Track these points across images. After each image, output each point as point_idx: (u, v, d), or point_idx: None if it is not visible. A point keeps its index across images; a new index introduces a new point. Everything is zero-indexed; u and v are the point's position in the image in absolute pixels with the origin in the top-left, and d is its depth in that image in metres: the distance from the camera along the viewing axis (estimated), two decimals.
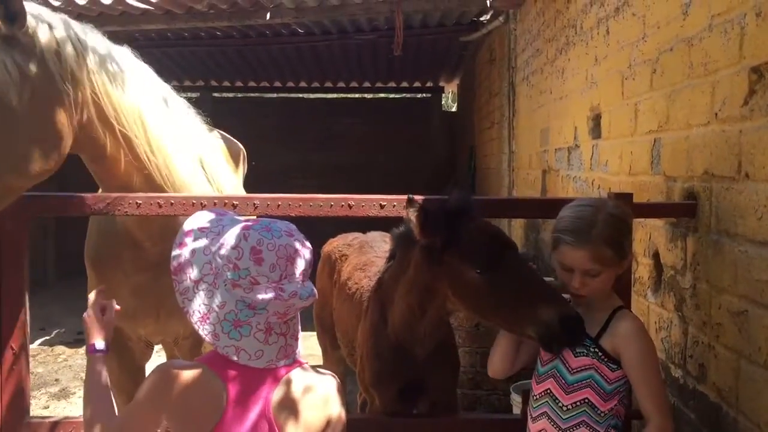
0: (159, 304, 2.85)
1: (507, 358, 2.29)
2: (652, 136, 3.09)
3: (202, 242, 1.71)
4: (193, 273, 1.68)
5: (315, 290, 1.72)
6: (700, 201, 2.57)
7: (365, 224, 3.35)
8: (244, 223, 1.72)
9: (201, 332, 1.66)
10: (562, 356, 2.11)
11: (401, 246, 2.49)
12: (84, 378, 1.91)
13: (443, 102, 15.30)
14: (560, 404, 2.10)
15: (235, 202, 2.53)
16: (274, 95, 13.98)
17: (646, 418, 2.05)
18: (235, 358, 1.64)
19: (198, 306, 1.66)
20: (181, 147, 2.77)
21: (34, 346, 6.99)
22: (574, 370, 2.08)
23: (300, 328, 1.77)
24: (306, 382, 1.71)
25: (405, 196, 2.59)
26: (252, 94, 13.93)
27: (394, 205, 2.57)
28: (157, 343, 3.29)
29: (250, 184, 4.40)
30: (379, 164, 12.54)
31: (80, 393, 5.78)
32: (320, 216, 2.57)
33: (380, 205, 2.57)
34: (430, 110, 13.58)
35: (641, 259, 3.18)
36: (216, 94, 13.56)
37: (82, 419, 2.66)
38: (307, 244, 1.74)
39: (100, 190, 2.76)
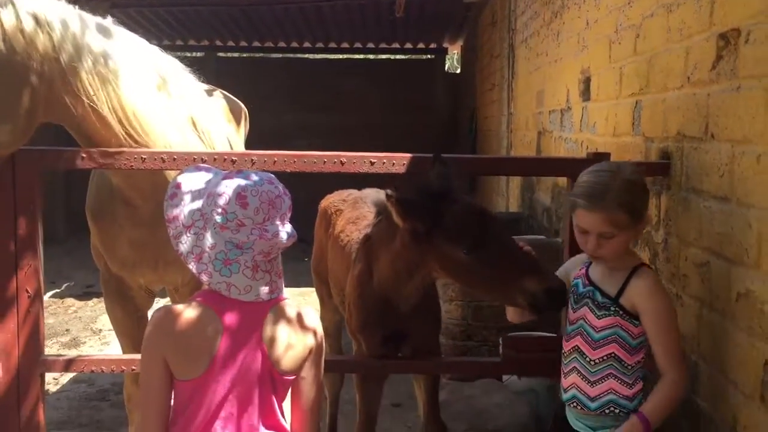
0: (157, 256, 3.03)
1: (518, 308, 2.44)
2: (634, 98, 3.23)
3: (193, 193, 1.90)
4: (185, 220, 1.87)
5: (295, 232, 1.91)
6: (673, 160, 2.72)
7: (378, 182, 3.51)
8: (229, 174, 1.91)
9: (195, 270, 1.86)
10: (586, 318, 2.21)
11: (388, 214, 2.62)
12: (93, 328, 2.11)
13: (448, 63, 15.32)
14: (588, 359, 2.17)
15: (234, 158, 2.69)
16: (279, 56, 14.02)
17: (662, 372, 2.10)
18: (227, 293, 1.83)
19: (192, 248, 1.86)
20: (165, 111, 2.91)
21: (45, 298, 7.21)
22: (599, 329, 2.16)
23: (282, 268, 1.96)
24: (291, 315, 1.91)
25: (394, 154, 2.75)
26: (256, 55, 13.97)
27: (383, 163, 2.73)
28: (157, 291, 3.48)
29: (253, 145, 4.54)
30: (382, 125, 12.61)
31: (90, 342, 6.02)
32: (314, 172, 2.73)
33: (370, 162, 2.72)
34: (434, 71, 13.60)
35: None
36: (220, 54, 13.64)
37: (94, 358, 2.87)
38: (287, 191, 1.92)
39: None
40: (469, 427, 3.96)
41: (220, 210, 1.82)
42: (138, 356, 2.69)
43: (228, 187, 1.83)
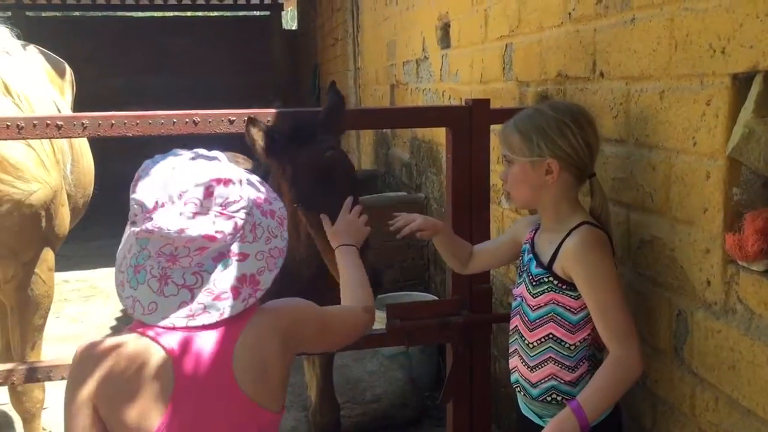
0: None
1: (451, 260, 2.26)
2: (503, 41, 3.05)
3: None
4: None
5: (229, 226, 1.40)
6: None
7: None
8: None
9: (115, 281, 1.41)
10: (523, 295, 1.94)
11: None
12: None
13: (284, 20, 14.80)
14: (526, 341, 1.92)
15: (59, 122, 2.22)
16: (98, 14, 12.88)
17: (607, 347, 1.77)
18: (132, 312, 1.37)
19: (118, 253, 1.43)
20: None
21: None
22: (535, 308, 1.89)
23: (233, 285, 1.38)
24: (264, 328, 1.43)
25: (258, 110, 2.39)
26: (73, 14, 12.74)
27: (244, 120, 2.37)
28: None
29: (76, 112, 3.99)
30: (218, 87, 11.96)
31: None
32: (163, 135, 2.33)
33: (229, 120, 2.36)
34: (270, 29, 13.08)
35: (494, 167, 3.19)
36: (30, 14, 12.28)
37: None
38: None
39: None
40: (347, 399, 3.77)
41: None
42: None
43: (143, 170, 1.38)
